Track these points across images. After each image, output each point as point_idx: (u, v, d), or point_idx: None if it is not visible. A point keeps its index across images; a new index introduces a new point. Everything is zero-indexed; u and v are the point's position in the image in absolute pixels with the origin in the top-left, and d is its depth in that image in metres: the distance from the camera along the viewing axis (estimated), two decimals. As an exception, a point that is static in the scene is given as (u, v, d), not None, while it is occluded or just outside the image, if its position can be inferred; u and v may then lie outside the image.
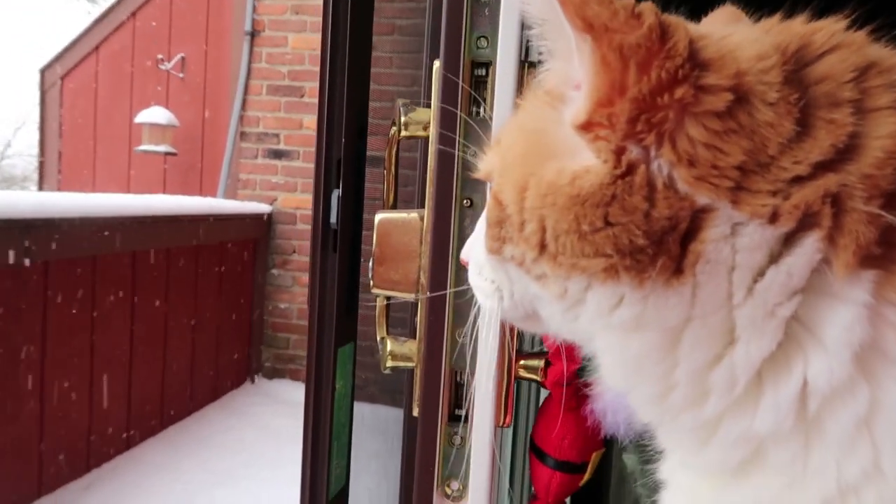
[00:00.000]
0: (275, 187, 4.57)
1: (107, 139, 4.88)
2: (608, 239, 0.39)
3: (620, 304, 0.41)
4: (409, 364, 0.90)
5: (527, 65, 0.82)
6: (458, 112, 0.80)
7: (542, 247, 0.43)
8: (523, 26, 0.79)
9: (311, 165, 4.48)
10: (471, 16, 0.80)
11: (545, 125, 0.44)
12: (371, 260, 0.88)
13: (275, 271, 4.59)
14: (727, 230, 0.39)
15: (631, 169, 0.39)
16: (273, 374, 4.61)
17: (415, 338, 0.89)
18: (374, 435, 2.19)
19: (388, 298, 0.96)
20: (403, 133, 0.88)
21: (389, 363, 0.90)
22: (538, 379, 0.87)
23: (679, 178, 0.38)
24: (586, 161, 0.40)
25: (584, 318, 0.44)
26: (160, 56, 4.72)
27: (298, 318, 4.61)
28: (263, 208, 4.51)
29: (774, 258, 0.39)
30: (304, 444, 0.96)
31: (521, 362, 0.87)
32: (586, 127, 0.39)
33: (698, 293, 0.40)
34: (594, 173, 0.39)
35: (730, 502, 0.45)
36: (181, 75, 4.74)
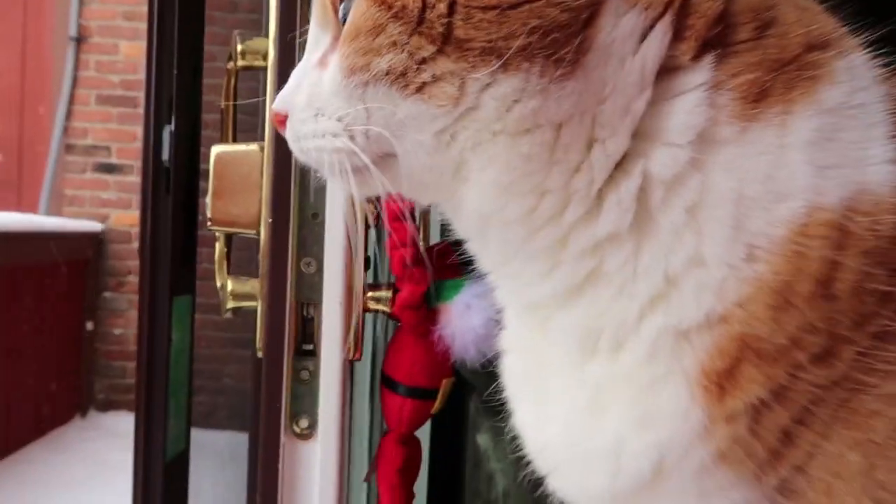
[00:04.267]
0: (106, 204, 4.24)
1: None
2: (532, 13, 0.40)
3: (521, 97, 0.42)
4: (252, 303, 0.86)
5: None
6: (297, 34, 0.79)
7: (447, 36, 0.42)
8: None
9: (148, 178, 4.16)
10: (306, -62, 0.79)
11: None
12: (208, 195, 0.84)
13: (108, 294, 4.24)
14: (613, 20, 0.42)
15: None
16: (107, 406, 4.22)
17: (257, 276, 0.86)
18: (224, 465, 2.06)
19: (229, 241, 0.92)
20: (241, 63, 0.85)
21: (231, 304, 0.86)
22: (387, 310, 0.87)
23: None
24: None
25: (468, 130, 0.44)
26: (-33, 61, 4.26)
27: (135, 344, 4.27)
28: (94, 226, 4.16)
29: (635, 49, 0.42)
30: (137, 403, 0.89)
31: (370, 294, 0.86)
32: None
33: (587, 83, 0.42)
34: None
35: (564, 327, 0.48)
36: (-7, 83, 4.31)
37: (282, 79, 0.79)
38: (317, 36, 0.51)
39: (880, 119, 0.43)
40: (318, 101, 0.48)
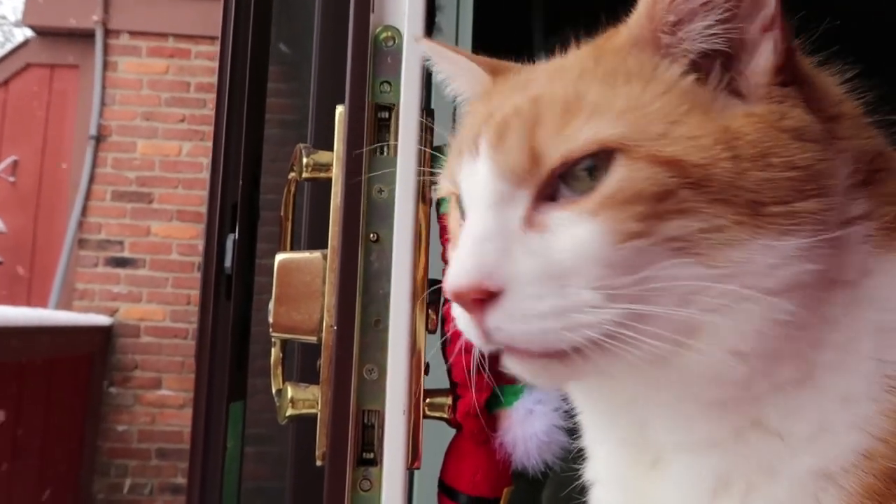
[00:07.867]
0: (116, 297, 4.25)
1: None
2: (829, 169, 0.41)
3: (800, 256, 0.40)
4: (312, 410, 0.85)
5: (424, 110, 0.87)
6: (364, 150, 0.83)
7: (754, 201, 0.40)
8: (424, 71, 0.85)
9: (159, 274, 4.18)
10: (374, 62, 0.84)
11: (675, 80, 0.45)
12: (271, 301, 0.85)
13: (113, 389, 4.17)
14: (845, 204, 0.43)
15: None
16: (106, 507, 4.07)
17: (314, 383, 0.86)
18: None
19: (284, 347, 0.92)
20: (305, 175, 0.89)
21: (290, 412, 0.85)
22: (446, 416, 0.86)
23: None
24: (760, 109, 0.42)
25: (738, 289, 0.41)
26: (-13, 159, 4.38)
27: (139, 442, 4.17)
28: (102, 320, 4.15)
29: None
30: (190, 514, 0.87)
31: (428, 400, 0.86)
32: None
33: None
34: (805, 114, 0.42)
35: (692, 471, 0.47)
36: (11, 179, 4.40)
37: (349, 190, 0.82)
38: (502, 192, 0.45)
39: None
40: (560, 269, 0.42)
